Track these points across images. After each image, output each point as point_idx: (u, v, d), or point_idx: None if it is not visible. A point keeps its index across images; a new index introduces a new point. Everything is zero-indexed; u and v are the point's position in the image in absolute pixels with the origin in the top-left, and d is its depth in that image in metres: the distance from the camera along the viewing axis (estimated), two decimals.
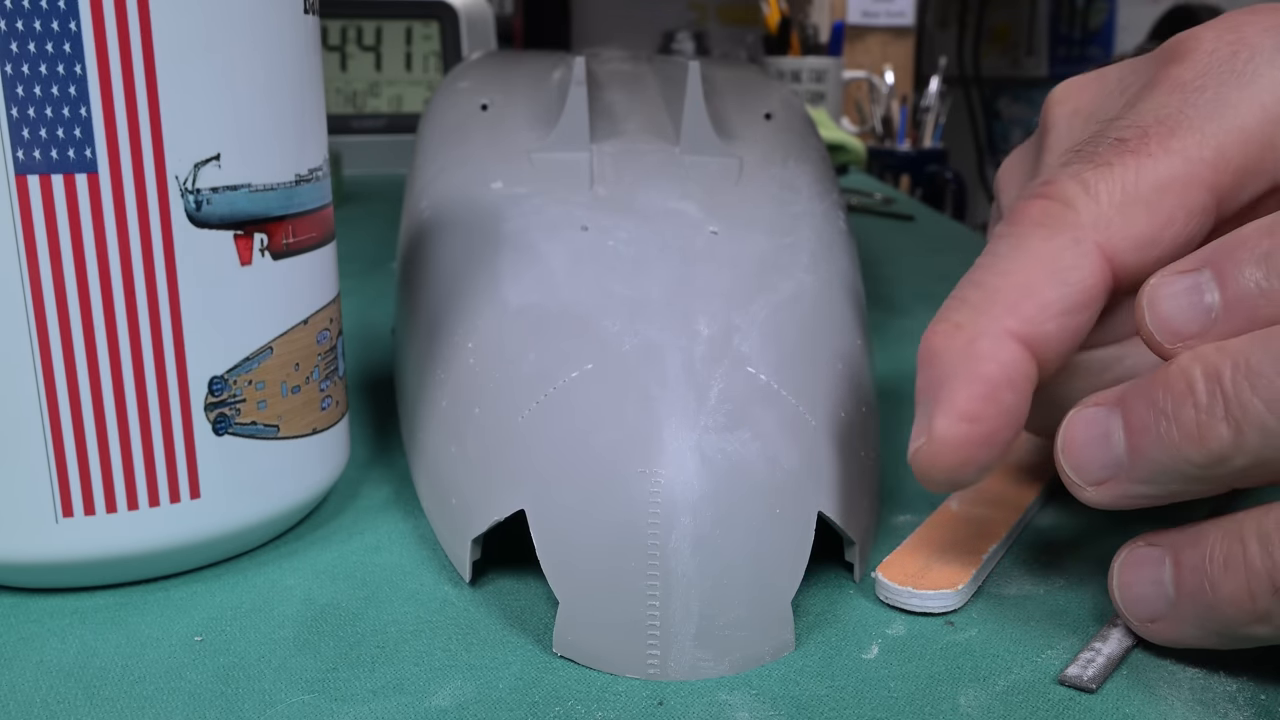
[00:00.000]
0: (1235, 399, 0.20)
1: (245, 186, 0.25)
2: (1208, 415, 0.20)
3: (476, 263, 0.30)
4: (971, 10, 2.42)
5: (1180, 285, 0.21)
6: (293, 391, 0.27)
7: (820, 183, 0.36)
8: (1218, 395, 0.20)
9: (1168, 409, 0.20)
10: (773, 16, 1.33)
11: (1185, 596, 0.21)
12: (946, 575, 0.25)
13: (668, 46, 1.52)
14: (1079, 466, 0.22)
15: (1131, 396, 0.21)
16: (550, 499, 0.24)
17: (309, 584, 0.26)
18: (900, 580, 0.25)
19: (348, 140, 0.93)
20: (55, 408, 0.23)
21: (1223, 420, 0.20)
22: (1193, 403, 0.20)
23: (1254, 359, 0.19)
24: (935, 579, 0.25)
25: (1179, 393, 0.20)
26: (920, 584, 0.25)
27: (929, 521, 0.28)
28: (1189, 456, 0.20)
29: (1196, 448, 0.20)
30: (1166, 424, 0.20)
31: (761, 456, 0.24)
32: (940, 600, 0.24)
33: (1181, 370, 0.20)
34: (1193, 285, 0.21)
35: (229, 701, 0.22)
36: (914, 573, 0.25)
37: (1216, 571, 0.21)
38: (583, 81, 0.35)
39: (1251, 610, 0.20)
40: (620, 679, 0.22)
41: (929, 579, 0.25)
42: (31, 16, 0.22)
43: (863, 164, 1.03)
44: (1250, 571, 0.20)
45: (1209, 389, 0.20)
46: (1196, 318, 0.21)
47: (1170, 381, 0.21)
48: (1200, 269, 0.21)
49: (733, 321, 0.26)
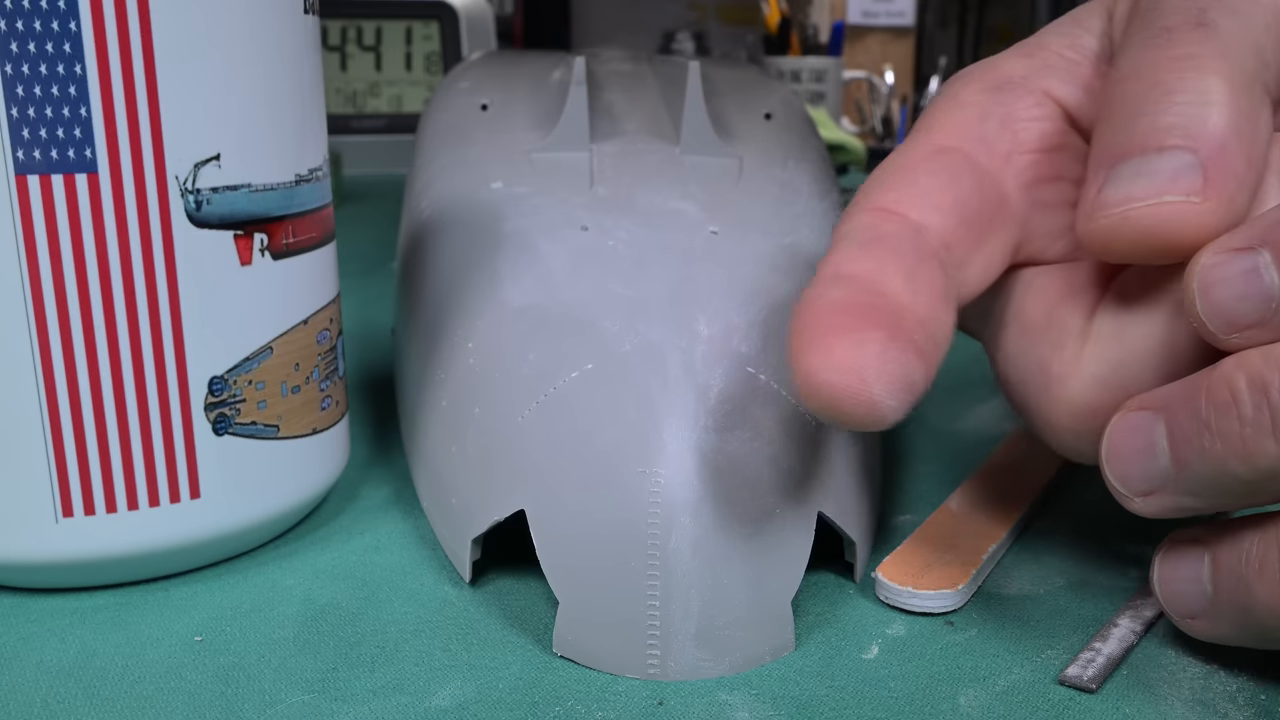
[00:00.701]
0: None
1: (245, 186, 0.25)
2: (1253, 429, 0.19)
3: (476, 263, 0.30)
4: (971, 10, 2.42)
5: (1237, 267, 0.19)
6: (293, 391, 0.27)
7: (820, 183, 0.36)
8: (1264, 408, 0.19)
9: (1211, 421, 0.19)
10: (773, 16, 1.33)
11: (1222, 596, 0.21)
12: (947, 575, 0.25)
13: (668, 46, 1.52)
14: (1124, 478, 0.21)
15: (1176, 403, 0.20)
16: (550, 499, 0.24)
17: (309, 584, 0.26)
18: (900, 580, 0.25)
19: (348, 140, 0.93)
20: (55, 408, 0.23)
21: (1270, 435, 0.18)
22: (1237, 415, 0.19)
23: None
24: (935, 579, 0.25)
25: (1222, 403, 0.19)
26: (920, 584, 0.25)
27: (929, 521, 0.28)
28: (1235, 472, 0.19)
29: (1242, 463, 0.19)
30: (1210, 437, 0.19)
31: (761, 456, 0.24)
32: (940, 600, 0.24)
33: (1225, 379, 0.19)
34: (1250, 267, 0.19)
35: (229, 701, 0.22)
36: (914, 572, 0.25)
37: (1252, 575, 0.20)
38: (583, 81, 0.35)
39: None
40: (620, 679, 0.22)
41: (929, 579, 0.25)
42: (31, 16, 0.22)
43: (863, 164, 1.03)
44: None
45: (1255, 400, 0.19)
46: (1256, 306, 0.19)
47: (1214, 391, 0.19)
48: (1259, 249, 0.19)
49: (733, 321, 0.26)
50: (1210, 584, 0.21)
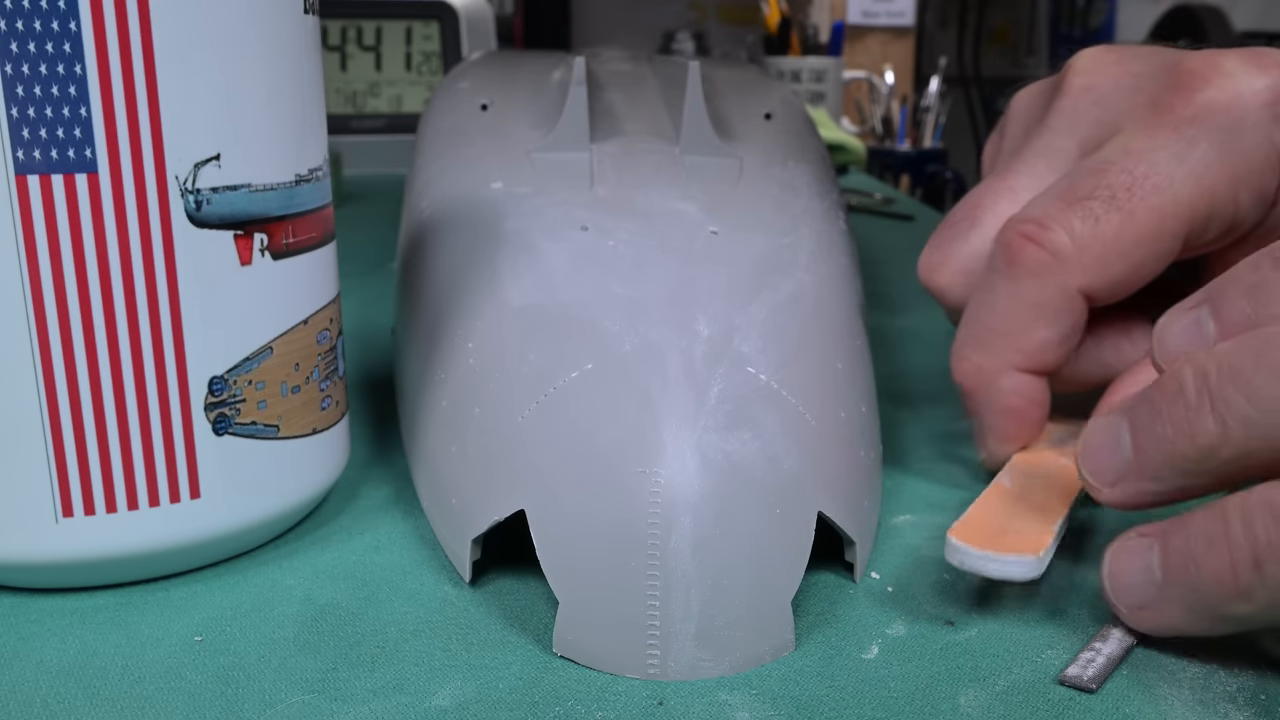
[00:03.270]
0: (1219, 395, 0.21)
1: (245, 186, 0.25)
2: (1195, 411, 0.22)
3: (476, 263, 0.30)
4: (971, 10, 2.42)
5: (1184, 321, 0.24)
6: (293, 391, 0.27)
7: (820, 183, 0.36)
8: (1204, 393, 0.22)
9: (1162, 409, 0.22)
10: (773, 16, 1.33)
11: (1171, 579, 0.22)
12: (1026, 540, 0.24)
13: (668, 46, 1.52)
14: (1095, 470, 0.24)
15: (1136, 403, 0.23)
16: (550, 499, 0.24)
17: (309, 584, 0.26)
18: (979, 544, 0.23)
19: (348, 140, 0.93)
20: (55, 408, 0.23)
21: (1209, 415, 0.21)
22: (1183, 401, 0.22)
23: (1235, 359, 0.21)
24: (1015, 543, 0.24)
25: (1171, 393, 0.22)
26: (1000, 547, 0.23)
27: (988, 493, 0.27)
28: (1182, 451, 0.22)
29: (1187, 442, 0.22)
30: (1162, 423, 0.22)
31: (761, 456, 0.24)
32: (1021, 567, 0.23)
33: (1174, 373, 0.22)
34: (1194, 320, 0.24)
35: (229, 701, 0.22)
36: (991, 536, 0.24)
37: (1200, 550, 0.21)
38: (583, 81, 0.35)
39: (1234, 586, 0.21)
40: (620, 679, 0.22)
41: (1008, 543, 0.24)
42: (31, 16, 0.22)
43: (863, 164, 1.03)
44: (1232, 546, 0.21)
45: (1197, 387, 0.22)
46: (1196, 345, 0.23)
47: (1165, 384, 0.23)
48: (1200, 305, 0.24)
49: (733, 321, 0.26)
50: (1159, 569, 0.22)
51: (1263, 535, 0.20)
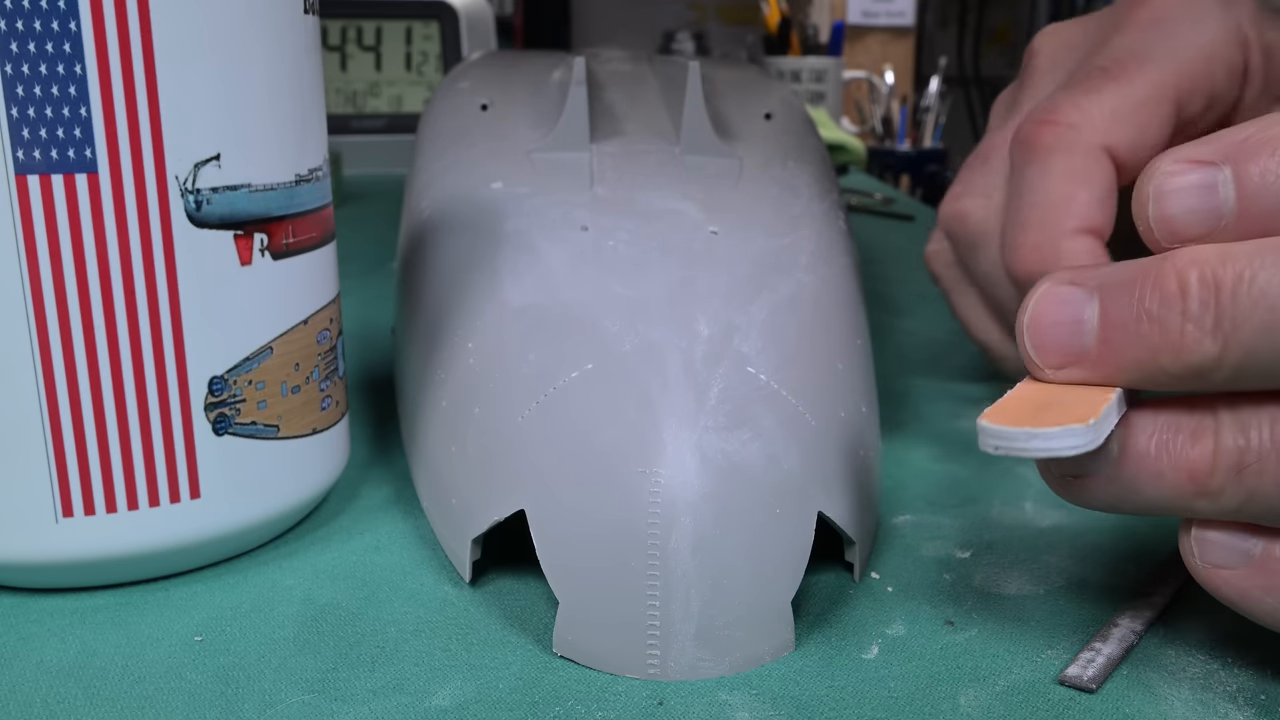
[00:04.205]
0: (1231, 314, 0.18)
1: (245, 186, 0.25)
2: (1195, 326, 0.19)
3: (476, 263, 0.30)
4: (971, 10, 2.42)
5: (1193, 178, 0.20)
6: (293, 391, 0.27)
7: (820, 183, 0.36)
8: (1210, 306, 0.18)
9: (1153, 308, 0.19)
10: (773, 16, 1.33)
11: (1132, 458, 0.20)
12: (1074, 411, 0.20)
13: (668, 46, 1.52)
14: (1042, 347, 0.21)
15: (1114, 285, 0.20)
16: (550, 499, 0.24)
17: (309, 584, 0.26)
18: (1016, 422, 0.19)
19: (348, 140, 0.93)
20: (55, 408, 0.23)
21: (1211, 333, 0.18)
22: (1182, 309, 0.19)
23: (1261, 275, 0.18)
24: (1060, 416, 0.19)
25: (1169, 294, 0.19)
26: (1043, 422, 0.19)
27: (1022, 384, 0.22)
28: (1163, 363, 0.19)
29: (1174, 356, 0.19)
30: (1148, 325, 0.19)
31: (761, 456, 0.24)
32: (1070, 439, 0.19)
33: (1177, 271, 0.19)
34: (1206, 181, 0.19)
35: (229, 701, 0.22)
36: (1032, 413, 0.20)
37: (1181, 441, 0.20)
38: (583, 81, 0.35)
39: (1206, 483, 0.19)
40: (620, 679, 0.22)
41: (1052, 417, 0.19)
42: (31, 16, 0.22)
43: (863, 164, 1.03)
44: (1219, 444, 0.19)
45: (1203, 298, 0.18)
46: (1204, 220, 0.20)
47: (1162, 279, 0.19)
48: (1219, 163, 0.19)
49: (733, 322, 0.26)
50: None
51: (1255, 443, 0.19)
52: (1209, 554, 0.21)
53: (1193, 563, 0.21)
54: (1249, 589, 0.20)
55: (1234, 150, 0.19)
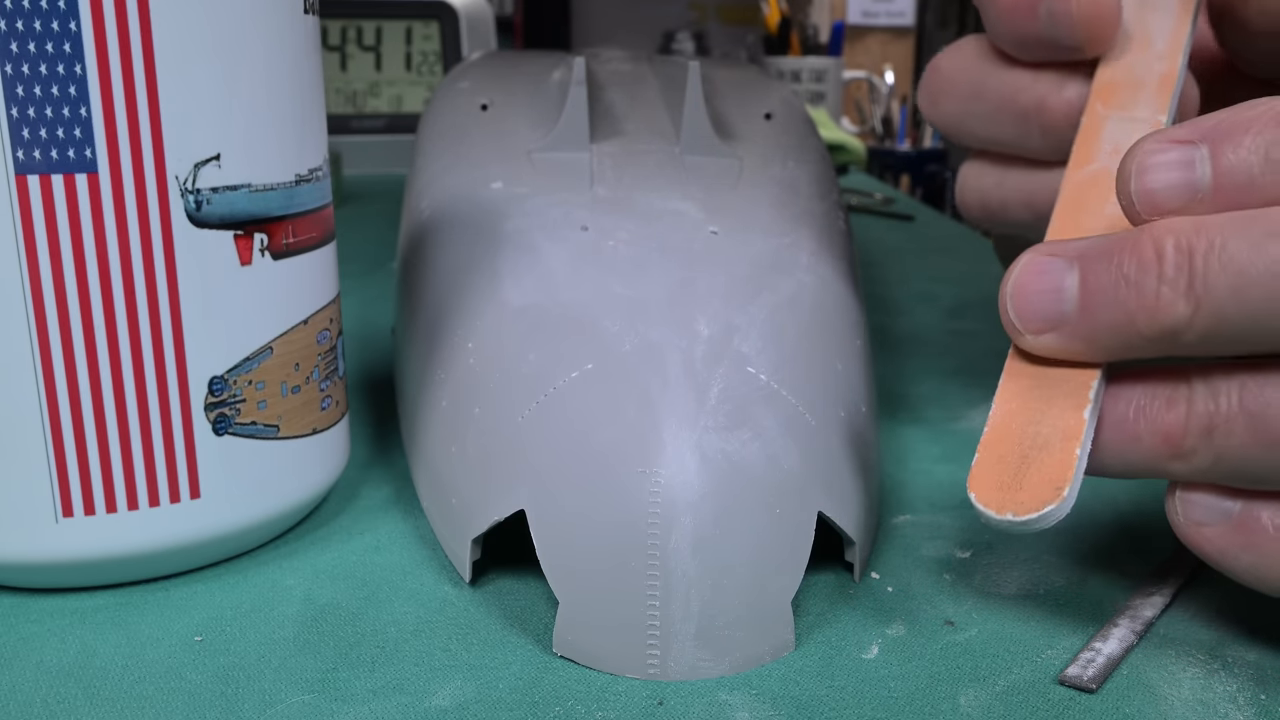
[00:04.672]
0: (1203, 278, 0.20)
1: (245, 186, 0.25)
2: (1170, 288, 0.20)
3: (476, 263, 0.30)
4: (971, 10, 2.42)
5: (1173, 155, 0.21)
6: (293, 391, 0.27)
7: (820, 183, 0.36)
8: (1184, 270, 0.20)
9: (1131, 274, 0.20)
10: (773, 16, 1.33)
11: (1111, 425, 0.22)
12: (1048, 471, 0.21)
13: (668, 46, 1.52)
14: (1024, 313, 0.22)
15: (1093, 255, 0.21)
16: (550, 499, 0.24)
17: (309, 584, 0.26)
18: (997, 499, 0.21)
19: (348, 140, 0.93)
20: (55, 408, 0.23)
21: (1184, 295, 0.20)
22: (1158, 273, 0.20)
23: (1231, 243, 0.19)
24: (1036, 481, 0.21)
25: (1146, 260, 0.20)
26: (1020, 494, 0.21)
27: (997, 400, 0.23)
28: (1139, 325, 0.20)
29: (1149, 318, 0.20)
30: (1126, 289, 0.20)
31: (761, 456, 0.24)
32: (1051, 518, 0.21)
33: (1153, 239, 0.20)
34: (1185, 159, 0.21)
35: (229, 701, 0.22)
36: (1010, 477, 0.21)
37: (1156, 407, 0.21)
38: (583, 81, 0.35)
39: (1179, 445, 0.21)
40: (620, 679, 0.22)
41: (1027, 490, 0.21)
42: (31, 16, 0.22)
43: (863, 164, 1.03)
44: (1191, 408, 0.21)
45: (1177, 262, 0.20)
46: (1182, 193, 0.21)
47: (1140, 247, 0.20)
48: (1197, 143, 0.21)
49: (733, 321, 0.26)
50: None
51: (1225, 407, 0.20)
52: (1192, 513, 0.22)
53: (1176, 520, 0.22)
54: (1227, 546, 0.22)
55: (1210, 132, 0.21)
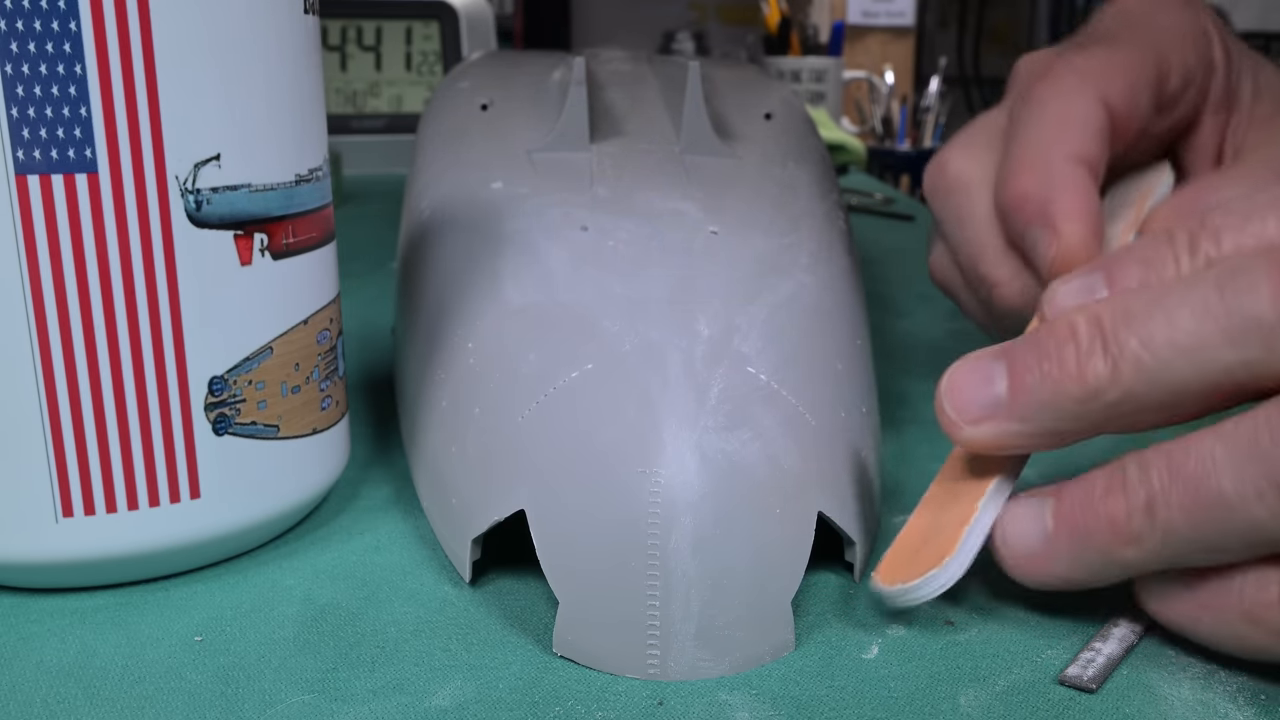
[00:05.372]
0: (1113, 337, 0.22)
1: (245, 186, 0.25)
2: (1087, 353, 0.22)
3: (476, 263, 0.30)
4: (971, 10, 2.42)
5: (1076, 284, 0.24)
6: (293, 391, 0.27)
7: (820, 183, 0.36)
8: (1097, 336, 0.22)
9: (1050, 350, 0.23)
10: (773, 16, 1.33)
11: (1062, 526, 0.23)
12: (937, 548, 0.23)
13: (668, 46, 1.52)
14: (960, 406, 0.24)
15: (1015, 346, 0.23)
16: (550, 499, 0.24)
17: (309, 584, 0.26)
18: (889, 581, 0.23)
19: (348, 140, 0.93)
20: (55, 408, 0.23)
21: (1101, 356, 0.22)
22: (1074, 344, 0.22)
23: (1131, 304, 0.22)
24: (923, 562, 0.23)
25: (1062, 336, 0.22)
26: (911, 573, 0.23)
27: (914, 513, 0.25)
28: (1068, 391, 0.22)
29: (1076, 382, 0.22)
30: (1049, 363, 0.22)
31: (761, 456, 0.24)
32: (933, 584, 0.23)
33: (1066, 319, 0.23)
34: (1087, 285, 0.24)
35: (229, 701, 0.22)
36: (902, 565, 0.23)
37: (1096, 497, 0.22)
38: (583, 81, 0.35)
39: (1126, 530, 0.21)
40: (620, 679, 0.22)
41: (916, 565, 0.23)
42: (31, 16, 0.22)
43: (863, 164, 1.03)
44: (1128, 491, 0.22)
45: (1090, 332, 0.22)
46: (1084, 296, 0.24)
47: (1055, 328, 0.23)
48: (1093, 272, 0.24)
49: (733, 321, 0.26)
50: (1051, 519, 0.23)
51: (1157, 481, 0.21)
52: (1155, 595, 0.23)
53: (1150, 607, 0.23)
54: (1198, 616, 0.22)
55: (1108, 263, 0.24)
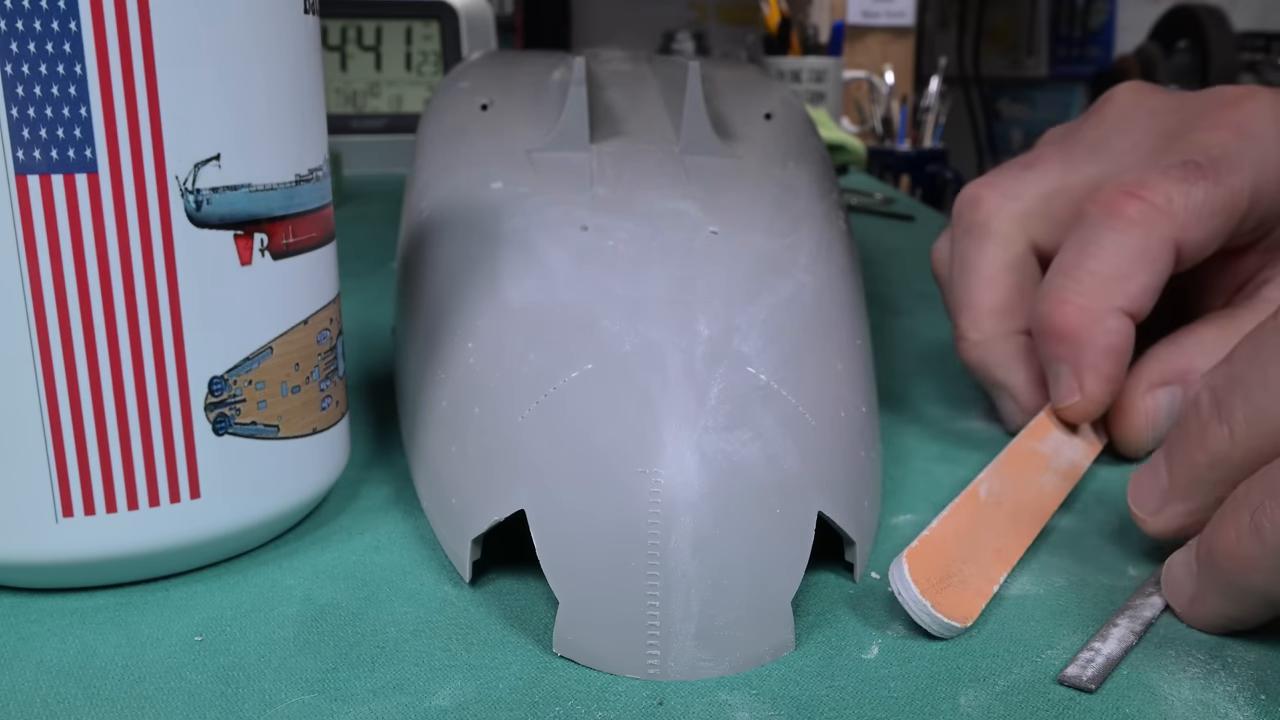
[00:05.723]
0: (1225, 401, 0.24)
1: (245, 186, 0.25)
2: (1208, 422, 0.24)
3: (476, 263, 0.30)
4: (971, 10, 2.42)
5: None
6: (293, 391, 0.27)
7: (820, 183, 0.36)
8: (1214, 404, 0.24)
9: (1185, 426, 0.25)
10: (773, 16, 1.33)
11: (1200, 566, 0.24)
12: (965, 597, 0.24)
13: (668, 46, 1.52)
14: (1139, 501, 0.26)
15: (1170, 433, 0.26)
16: (550, 499, 0.24)
17: (309, 584, 0.26)
18: (923, 584, 0.24)
19: (348, 140, 0.93)
20: (55, 408, 0.23)
21: (1217, 421, 0.24)
22: (1198, 415, 0.24)
23: (1239, 369, 0.24)
24: (953, 599, 0.24)
25: (1189, 411, 0.25)
26: (939, 601, 0.24)
27: (957, 506, 0.26)
28: (1199, 460, 0.24)
29: (1201, 450, 0.24)
30: (1186, 440, 0.25)
31: (761, 456, 0.24)
32: (947, 632, 0.24)
33: (1194, 394, 0.25)
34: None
35: (229, 701, 0.22)
36: (936, 580, 0.24)
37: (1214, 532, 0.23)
38: (583, 81, 0.35)
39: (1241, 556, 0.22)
40: (620, 679, 0.22)
41: (947, 597, 0.24)
42: (31, 16, 0.22)
43: (863, 164, 1.03)
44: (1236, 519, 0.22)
45: (1209, 400, 0.24)
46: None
47: (1188, 405, 0.25)
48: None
49: (733, 321, 0.26)
50: (1195, 562, 0.24)
51: (1256, 500, 0.22)
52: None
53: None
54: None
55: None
